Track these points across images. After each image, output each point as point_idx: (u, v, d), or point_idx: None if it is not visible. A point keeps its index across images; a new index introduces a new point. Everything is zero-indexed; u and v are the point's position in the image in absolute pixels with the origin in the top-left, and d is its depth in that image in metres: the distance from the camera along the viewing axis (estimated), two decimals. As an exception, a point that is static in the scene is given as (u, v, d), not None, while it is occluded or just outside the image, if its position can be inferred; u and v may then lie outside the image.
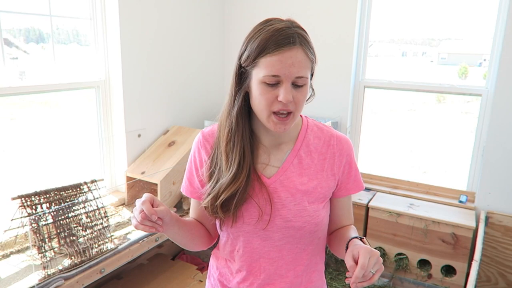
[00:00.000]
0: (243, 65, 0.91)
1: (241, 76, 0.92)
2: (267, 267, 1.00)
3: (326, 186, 0.99)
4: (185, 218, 1.05)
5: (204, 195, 0.98)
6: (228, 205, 0.94)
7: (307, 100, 0.96)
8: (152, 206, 0.87)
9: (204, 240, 1.08)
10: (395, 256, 2.53)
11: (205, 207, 0.98)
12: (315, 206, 0.97)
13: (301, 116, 1.04)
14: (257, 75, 0.87)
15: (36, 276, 1.60)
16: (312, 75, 0.94)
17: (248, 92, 0.92)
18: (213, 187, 0.96)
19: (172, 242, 2.73)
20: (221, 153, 0.96)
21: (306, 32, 0.90)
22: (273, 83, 0.86)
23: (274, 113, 0.88)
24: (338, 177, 1.00)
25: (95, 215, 1.88)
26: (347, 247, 0.91)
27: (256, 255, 1.00)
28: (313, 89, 0.98)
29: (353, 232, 1.00)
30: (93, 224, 1.86)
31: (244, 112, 0.94)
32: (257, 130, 0.99)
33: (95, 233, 1.85)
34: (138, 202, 0.87)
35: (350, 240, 0.92)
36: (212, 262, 1.14)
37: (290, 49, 0.85)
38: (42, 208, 1.74)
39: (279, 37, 0.85)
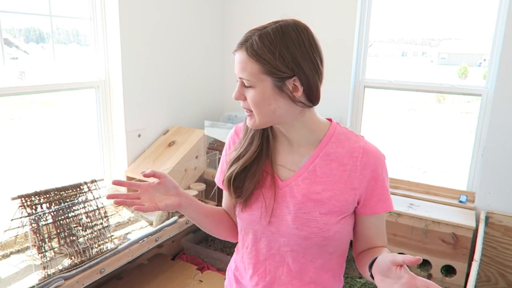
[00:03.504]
0: None
1: None
2: (273, 271, 0.99)
3: (343, 199, 0.93)
4: (213, 206, 1.11)
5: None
6: (234, 184, 0.98)
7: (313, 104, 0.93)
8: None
9: (230, 232, 1.12)
10: (395, 256, 2.53)
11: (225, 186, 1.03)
12: (327, 219, 0.92)
13: (331, 121, 1.00)
14: None
15: (36, 276, 1.60)
16: (301, 80, 0.87)
17: None
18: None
19: (172, 242, 2.74)
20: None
21: (274, 33, 0.85)
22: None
23: None
24: (360, 192, 0.93)
25: (95, 215, 1.88)
26: (371, 267, 0.85)
27: (262, 256, 1.00)
28: (295, 100, 0.89)
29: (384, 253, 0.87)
30: (93, 224, 1.86)
31: None
32: (277, 132, 0.99)
33: (95, 233, 1.85)
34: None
35: (375, 259, 0.84)
36: (234, 255, 1.15)
37: (237, 51, 0.90)
38: (42, 208, 1.74)
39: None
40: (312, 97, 0.91)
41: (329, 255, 0.98)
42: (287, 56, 0.86)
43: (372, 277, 0.84)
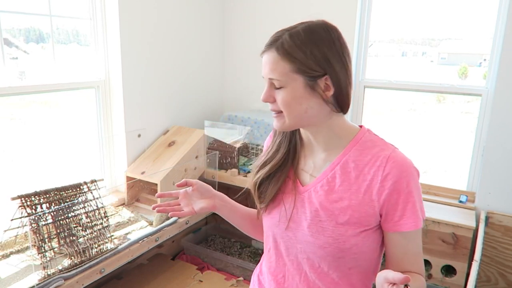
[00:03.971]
0: None
1: None
2: (291, 277, 0.98)
3: (362, 211, 0.87)
4: (250, 208, 1.13)
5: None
6: (259, 190, 0.99)
7: (343, 109, 0.91)
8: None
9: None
10: (395, 256, 2.53)
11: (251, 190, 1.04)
12: (344, 230, 0.88)
13: (361, 127, 0.97)
14: None
15: (36, 276, 1.60)
16: (321, 83, 0.86)
17: None
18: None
19: (172, 242, 2.74)
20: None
21: (306, 32, 0.86)
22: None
23: None
24: (380, 205, 0.87)
25: (95, 215, 1.88)
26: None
27: (281, 260, 0.99)
28: (329, 102, 0.88)
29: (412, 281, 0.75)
30: (93, 224, 1.86)
31: None
32: (302, 136, 0.99)
33: (95, 233, 1.85)
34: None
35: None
36: (261, 259, 1.15)
37: (266, 52, 0.89)
38: (42, 208, 1.74)
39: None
40: (342, 100, 0.89)
41: (348, 270, 0.92)
42: (318, 55, 0.85)
43: None
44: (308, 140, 0.98)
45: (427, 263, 2.48)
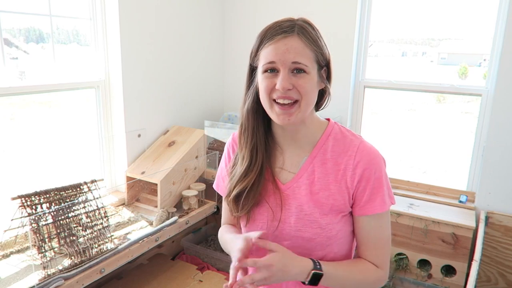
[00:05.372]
0: (251, 63, 0.95)
1: (252, 73, 0.96)
2: None
3: (339, 198, 0.93)
4: (231, 229, 1.07)
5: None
6: (239, 201, 0.96)
7: (323, 105, 1.00)
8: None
9: None
10: (395, 256, 2.53)
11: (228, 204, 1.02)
12: (329, 219, 0.92)
13: (329, 120, 1.01)
14: (259, 67, 0.91)
15: (36, 276, 1.60)
16: (326, 71, 0.94)
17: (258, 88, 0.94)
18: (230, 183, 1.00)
19: (172, 242, 2.74)
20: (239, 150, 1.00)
21: (311, 26, 0.91)
22: (272, 72, 0.88)
23: (276, 102, 0.88)
24: (352, 191, 0.93)
25: (95, 215, 1.88)
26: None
27: None
28: (329, 92, 0.98)
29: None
30: (93, 224, 1.86)
31: (256, 110, 0.96)
32: (276, 133, 0.99)
33: (95, 233, 1.85)
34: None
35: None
36: None
37: (285, 37, 0.86)
38: (42, 208, 1.74)
39: (276, 28, 0.88)
40: (324, 96, 0.98)
41: (334, 254, 0.97)
42: (325, 48, 0.92)
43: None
44: (284, 137, 0.98)
45: (427, 263, 2.48)
